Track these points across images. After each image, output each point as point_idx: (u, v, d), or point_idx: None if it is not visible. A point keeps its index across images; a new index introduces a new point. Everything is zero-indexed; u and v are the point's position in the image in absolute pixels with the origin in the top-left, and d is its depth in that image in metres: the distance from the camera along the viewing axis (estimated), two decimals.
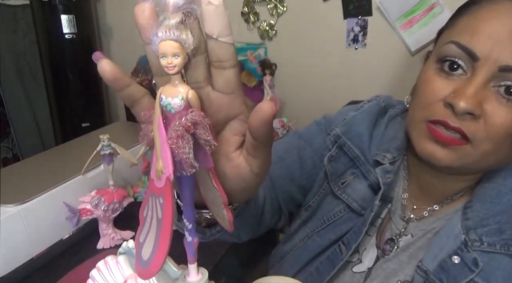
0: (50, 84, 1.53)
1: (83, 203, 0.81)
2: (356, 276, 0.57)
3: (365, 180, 0.58)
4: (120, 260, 0.33)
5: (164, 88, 0.26)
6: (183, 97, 0.26)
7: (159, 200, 0.26)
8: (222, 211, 0.31)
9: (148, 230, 0.28)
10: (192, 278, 0.30)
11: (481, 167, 0.49)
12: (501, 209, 0.49)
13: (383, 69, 1.27)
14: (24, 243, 0.75)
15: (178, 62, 0.25)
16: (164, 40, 0.24)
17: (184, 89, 0.26)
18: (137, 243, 0.29)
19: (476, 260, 0.47)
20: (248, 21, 1.37)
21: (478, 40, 0.45)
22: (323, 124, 0.65)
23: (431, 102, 0.47)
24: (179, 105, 0.26)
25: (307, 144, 0.65)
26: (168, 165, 0.25)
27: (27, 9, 1.53)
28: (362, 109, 0.62)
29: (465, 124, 0.45)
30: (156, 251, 0.26)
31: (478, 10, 0.47)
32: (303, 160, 0.64)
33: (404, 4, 1.17)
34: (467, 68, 0.46)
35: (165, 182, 0.26)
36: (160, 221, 0.26)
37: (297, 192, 0.65)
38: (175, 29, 0.24)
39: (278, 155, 0.64)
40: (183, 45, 0.25)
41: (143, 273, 0.27)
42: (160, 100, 0.26)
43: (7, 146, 1.65)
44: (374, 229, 0.58)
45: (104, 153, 0.81)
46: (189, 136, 0.26)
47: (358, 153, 0.59)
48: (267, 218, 0.61)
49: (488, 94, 0.44)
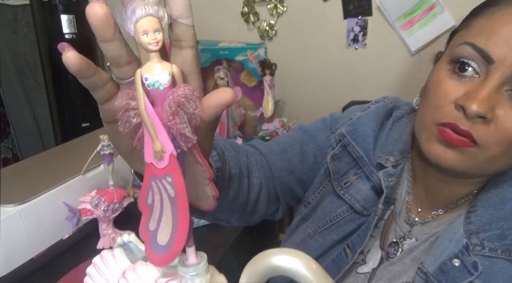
0: (50, 84, 1.53)
1: (83, 203, 0.81)
2: (360, 277, 0.57)
3: (368, 181, 0.58)
4: (116, 253, 0.32)
5: (145, 68, 0.26)
6: (169, 72, 0.26)
7: (167, 179, 0.26)
8: (205, 188, 0.31)
9: (159, 214, 0.27)
10: (192, 261, 0.30)
11: (487, 171, 0.49)
12: (505, 215, 0.48)
13: (383, 69, 1.27)
14: (24, 243, 0.75)
15: (160, 38, 0.25)
16: (144, 16, 0.24)
17: (167, 64, 0.26)
18: (146, 233, 0.28)
19: (476, 264, 0.46)
20: (248, 21, 1.37)
21: (494, 43, 0.43)
22: (329, 122, 0.65)
23: (442, 104, 0.47)
24: (168, 80, 0.26)
25: (311, 139, 0.65)
26: (167, 142, 0.25)
27: (27, 9, 1.53)
28: (369, 110, 0.62)
29: (475, 128, 0.44)
30: (176, 230, 0.26)
31: (496, 12, 0.45)
32: (306, 154, 0.64)
33: (404, 4, 1.17)
34: (480, 71, 0.45)
35: (170, 159, 0.26)
36: (174, 198, 0.26)
37: (296, 185, 0.65)
38: (154, 5, 0.24)
39: (281, 146, 0.64)
40: (161, 21, 0.25)
41: (163, 259, 0.27)
42: (144, 80, 0.26)
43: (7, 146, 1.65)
44: (378, 231, 0.58)
45: (104, 153, 0.81)
46: (182, 112, 0.26)
47: (362, 153, 0.59)
48: (263, 207, 0.61)
49: (501, 99, 0.44)
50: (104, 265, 0.32)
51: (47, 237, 0.80)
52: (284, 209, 0.67)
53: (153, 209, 0.28)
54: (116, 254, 0.32)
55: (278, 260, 0.30)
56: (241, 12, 1.37)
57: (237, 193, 0.55)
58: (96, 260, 0.33)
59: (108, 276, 0.32)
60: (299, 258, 0.30)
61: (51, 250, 0.81)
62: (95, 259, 0.33)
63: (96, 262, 0.33)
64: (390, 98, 0.64)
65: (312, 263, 0.30)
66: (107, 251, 0.33)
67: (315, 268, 0.30)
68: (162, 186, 0.27)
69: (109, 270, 0.32)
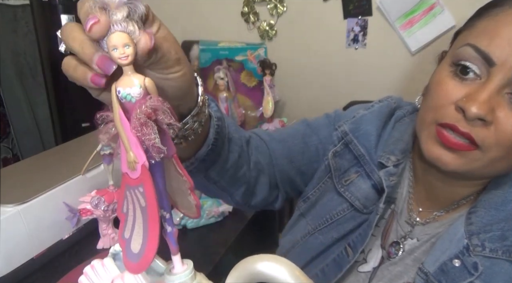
0: (50, 84, 1.53)
1: (83, 203, 0.81)
2: (361, 275, 0.57)
3: (369, 180, 0.58)
4: (105, 262, 0.33)
5: (119, 82, 0.27)
6: (141, 85, 0.27)
7: (139, 189, 0.27)
8: (187, 198, 0.32)
9: (132, 223, 0.28)
10: (178, 269, 0.30)
11: (489, 173, 0.49)
12: (506, 216, 0.48)
13: (383, 69, 1.27)
14: (24, 243, 0.75)
15: (130, 52, 0.26)
16: (113, 32, 0.25)
17: (139, 77, 0.27)
18: (122, 241, 0.29)
19: (476, 264, 0.46)
20: (248, 21, 1.37)
21: (496, 45, 0.43)
22: (333, 118, 0.65)
23: (442, 104, 0.47)
24: (139, 93, 0.27)
25: (314, 132, 0.65)
26: (140, 153, 0.26)
27: (27, 9, 1.53)
28: (372, 109, 0.62)
29: (475, 130, 0.44)
30: (147, 239, 0.27)
31: (500, 13, 0.45)
32: (307, 145, 0.64)
33: (404, 4, 1.17)
34: (481, 73, 0.45)
35: (141, 170, 0.26)
36: (145, 208, 0.27)
37: (295, 175, 0.65)
38: (122, 22, 0.26)
39: (282, 136, 0.65)
40: (131, 36, 0.26)
41: (136, 267, 0.27)
42: (117, 93, 0.27)
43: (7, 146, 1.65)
44: (379, 230, 0.58)
45: (104, 153, 0.80)
46: (152, 123, 0.26)
47: (364, 151, 0.59)
48: (264, 190, 0.61)
49: (501, 101, 0.43)
50: (94, 275, 0.33)
51: (47, 237, 0.80)
52: (283, 198, 0.67)
53: (128, 218, 0.29)
54: (106, 263, 0.33)
55: (263, 266, 0.30)
56: (241, 12, 1.37)
57: (237, 160, 0.54)
58: (87, 270, 0.33)
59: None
60: (283, 265, 0.30)
61: (51, 250, 0.81)
62: (86, 269, 0.33)
63: (87, 271, 0.33)
64: (394, 98, 0.64)
65: (296, 270, 0.30)
66: (98, 260, 0.33)
67: (298, 275, 0.30)
68: (135, 195, 0.27)
69: (99, 279, 0.33)
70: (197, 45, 1.31)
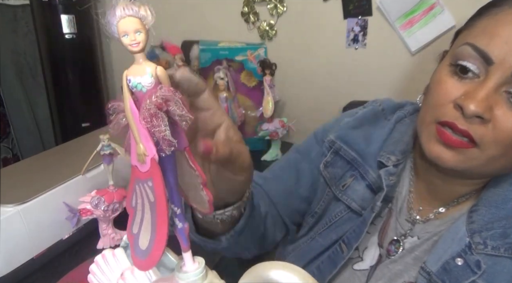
0: (50, 84, 1.53)
1: (83, 203, 0.81)
2: (357, 274, 0.57)
3: (363, 181, 0.59)
4: (117, 252, 0.32)
5: (130, 70, 0.25)
6: (153, 74, 0.25)
7: (148, 183, 0.26)
8: (200, 193, 0.30)
9: (141, 218, 0.27)
10: (189, 267, 0.29)
11: (488, 172, 0.49)
12: (506, 213, 0.49)
13: (383, 69, 1.27)
14: (24, 243, 0.75)
15: (142, 39, 0.24)
16: (123, 17, 0.24)
17: (151, 66, 0.25)
18: (130, 236, 0.28)
19: (479, 263, 0.47)
20: (248, 21, 1.37)
21: (495, 44, 0.44)
22: (320, 134, 0.67)
23: (442, 103, 0.47)
24: (150, 82, 0.25)
25: (303, 156, 0.66)
26: (150, 145, 0.25)
27: (27, 9, 1.53)
28: (356, 115, 0.64)
29: (473, 128, 0.44)
30: (155, 236, 0.26)
31: (499, 13, 0.46)
32: (300, 172, 0.65)
33: (404, 4, 1.17)
34: (480, 72, 0.45)
35: (151, 164, 0.25)
36: (154, 203, 0.26)
37: (299, 204, 0.66)
38: (133, 5, 0.24)
39: (274, 173, 0.66)
40: (143, 21, 0.24)
41: (143, 264, 0.26)
42: (128, 82, 0.25)
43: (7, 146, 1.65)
44: (375, 228, 0.58)
45: (104, 153, 0.80)
46: (163, 114, 0.25)
47: (355, 155, 0.60)
48: (271, 233, 0.62)
49: (499, 99, 0.44)
50: (105, 264, 0.33)
51: (47, 237, 0.80)
52: (294, 231, 0.68)
53: (136, 212, 0.27)
54: (117, 254, 0.32)
55: (276, 274, 0.29)
56: (241, 12, 1.37)
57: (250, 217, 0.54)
58: (98, 259, 0.33)
59: (109, 275, 0.33)
60: (296, 274, 0.29)
61: (51, 250, 0.81)
62: (97, 258, 0.33)
63: (98, 260, 0.33)
64: (379, 100, 0.66)
65: (310, 279, 0.29)
66: (109, 250, 0.33)
67: None
68: (144, 190, 0.26)
69: (110, 269, 0.32)
70: (197, 45, 1.31)
